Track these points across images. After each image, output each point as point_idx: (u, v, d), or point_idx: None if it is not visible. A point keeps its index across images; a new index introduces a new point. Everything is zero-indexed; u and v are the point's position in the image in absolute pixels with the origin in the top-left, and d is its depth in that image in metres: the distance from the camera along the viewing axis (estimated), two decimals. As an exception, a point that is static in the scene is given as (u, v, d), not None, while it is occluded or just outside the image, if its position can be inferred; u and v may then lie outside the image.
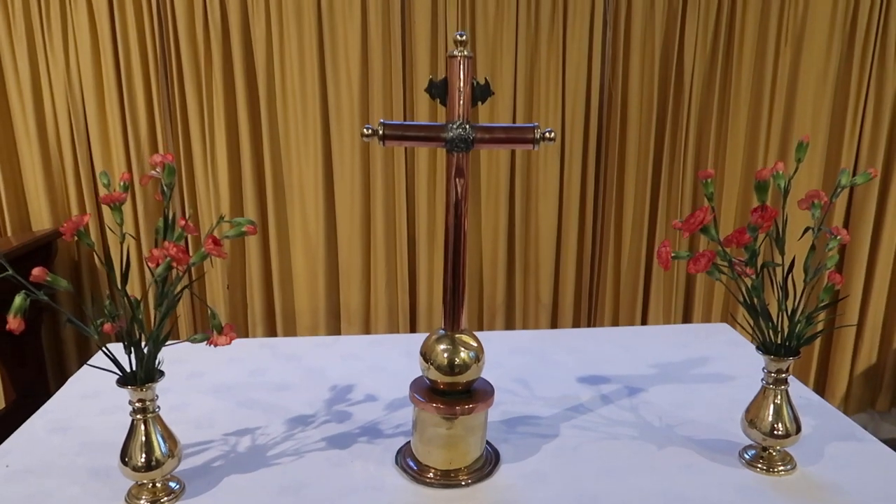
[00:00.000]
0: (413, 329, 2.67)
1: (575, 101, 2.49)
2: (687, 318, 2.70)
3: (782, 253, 1.08)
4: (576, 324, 2.70)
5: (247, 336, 2.65)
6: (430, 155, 2.49)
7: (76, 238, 1.00)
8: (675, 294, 2.64)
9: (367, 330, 2.67)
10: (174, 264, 0.96)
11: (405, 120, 2.44)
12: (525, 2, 2.41)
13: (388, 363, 1.52)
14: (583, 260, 2.64)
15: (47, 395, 2.48)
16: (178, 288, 1.00)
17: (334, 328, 2.66)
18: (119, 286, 0.99)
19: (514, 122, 2.47)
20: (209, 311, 1.03)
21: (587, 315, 2.69)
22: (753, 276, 1.05)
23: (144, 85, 2.38)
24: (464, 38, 1.00)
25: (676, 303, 2.65)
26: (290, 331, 2.64)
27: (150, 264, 1.01)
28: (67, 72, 2.36)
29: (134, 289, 2.44)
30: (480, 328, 2.68)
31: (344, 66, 2.40)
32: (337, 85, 2.41)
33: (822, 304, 1.07)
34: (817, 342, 2.80)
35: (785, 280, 1.08)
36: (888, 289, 2.72)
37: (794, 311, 1.08)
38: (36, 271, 0.93)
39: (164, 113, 2.41)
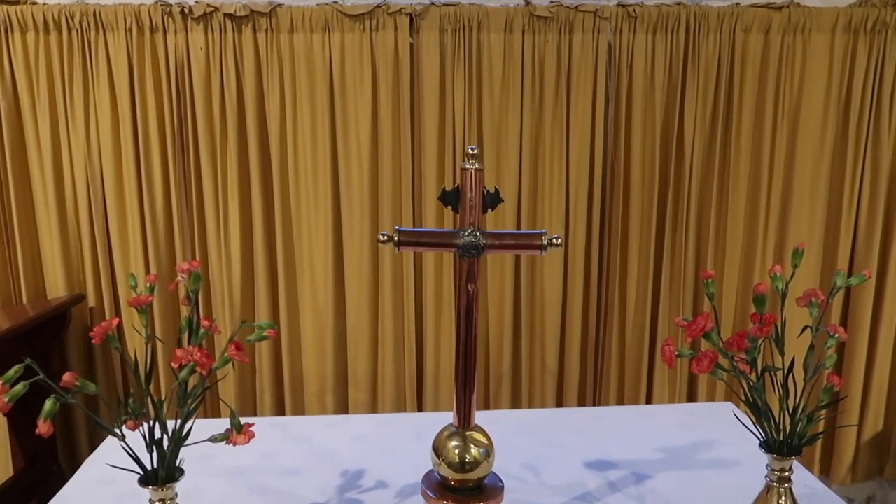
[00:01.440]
0: (420, 394, 2.69)
1: (579, 173, 2.56)
2: (692, 391, 2.71)
3: (782, 354, 1.12)
4: (581, 390, 2.71)
5: (254, 400, 2.67)
6: (437, 222, 2.55)
7: (104, 340, 1.04)
8: (680, 367, 2.66)
9: (374, 395, 2.69)
10: (198, 368, 1.00)
11: (413, 195, 2.52)
12: (530, 76, 2.50)
13: (397, 445, 1.54)
14: (588, 326, 2.67)
15: (55, 463, 2.51)
16: (200, 390, 1.04)
17: (341, 394, 2.68)
18: (144, 387, 1.03)
19: (518, 194, 2.54)
20: (230, 411, 1.06)
21: (593, 381, 2.71)
22: (754, 379, 1.09)
23: (161, 157, 2.46)
24: (475, 151, 1.06)
25: (681, 375, 2.67)
26: (298, 395, 2.66)
27: (173, 364, 1.05)
28: (87, 143, 2.45)
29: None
30: (487, 394, 2.70)
31: (354, 139, 2.48)
32: (347, 158, 2.49)
33: (823, 405, 1.11)
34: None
35: (785, 380, 1.11)
36: (892, 353, 2.74)
37: (795, 409, 1.11)
38: (66, 377, 0.98)
39: (179, 184, 2.49)
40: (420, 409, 2.70)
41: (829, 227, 2.66)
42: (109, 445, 1.53)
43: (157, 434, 1.03)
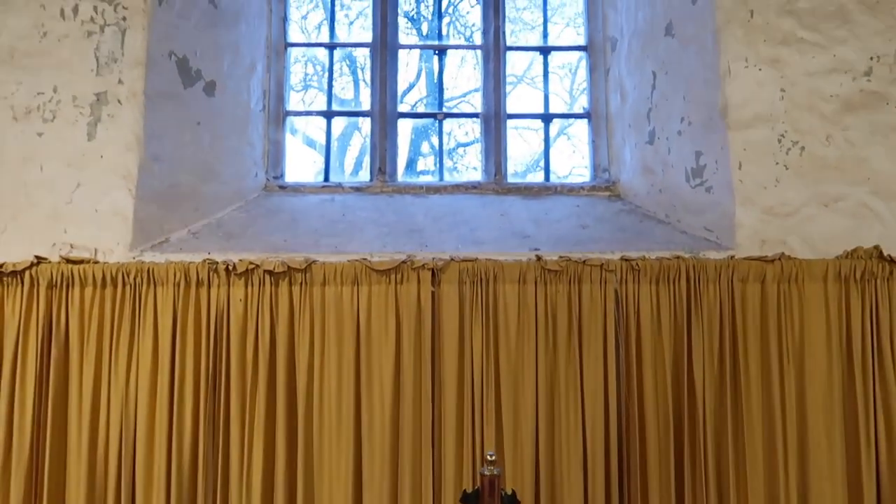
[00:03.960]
0: None
1: (594, 415, 2.62)
2: None
3: None
4: None
5: None
6: (455, 462, 2.56)
7: None
8: None
9: None
10: None
11: (433, 441, 2.57)
12: (543, 323, 2.67)
13: None
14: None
15: None
16: None
17: None
18: None
19: (536, 439, 2.59)
20: None
21: None
22: None
23: (193, 402, 2.57)
24: (493, 458, 1.16)
25: None
26: None
27: None
28: (126, 391, 2.57)
29: None
30: None
31: (378, 385, 2.61)
32: (370, 404, 2.59)
33: None
34: None
35: None
36: None
37: None
38: None
39: (207, 430, 2.57)
40: None
41: (850, 471, 2.63)
42: None
43: None
